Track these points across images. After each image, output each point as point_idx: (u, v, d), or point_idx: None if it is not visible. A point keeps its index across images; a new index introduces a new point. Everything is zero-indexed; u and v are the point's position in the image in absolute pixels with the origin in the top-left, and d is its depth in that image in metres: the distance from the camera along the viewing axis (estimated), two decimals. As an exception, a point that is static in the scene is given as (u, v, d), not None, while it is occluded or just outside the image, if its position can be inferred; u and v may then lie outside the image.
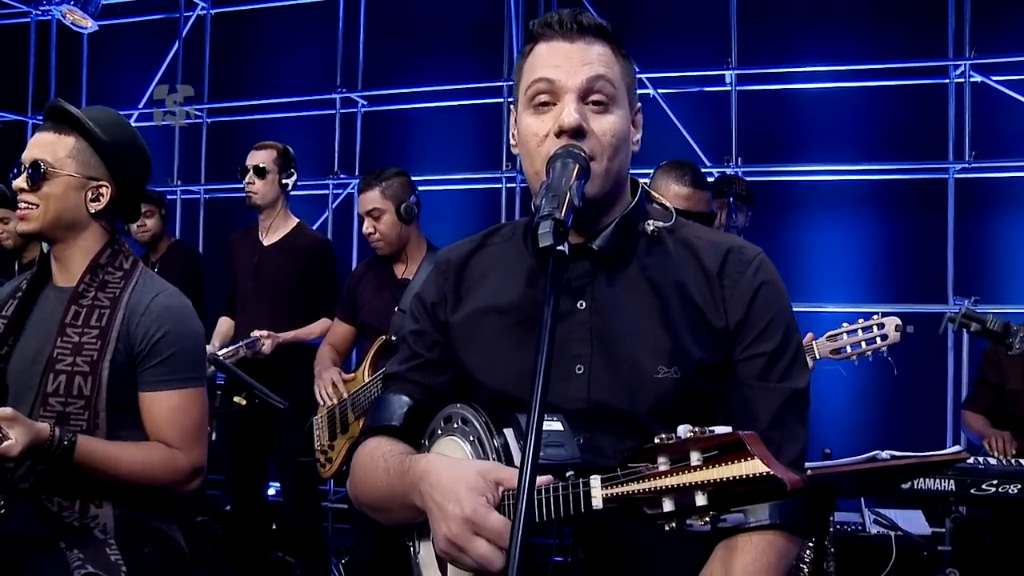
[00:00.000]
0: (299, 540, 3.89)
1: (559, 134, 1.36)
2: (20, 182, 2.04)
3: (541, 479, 1.18)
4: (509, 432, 1.25)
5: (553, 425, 1.24)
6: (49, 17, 6.37)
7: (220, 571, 3.53)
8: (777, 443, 1.37)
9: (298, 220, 4.09)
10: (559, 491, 1.15)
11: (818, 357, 2.70)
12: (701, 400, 1.40)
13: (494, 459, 1.27)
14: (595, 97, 1.38)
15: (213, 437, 3.56)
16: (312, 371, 3.61)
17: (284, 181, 3.94)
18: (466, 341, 1.51)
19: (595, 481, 1.09)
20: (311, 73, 5.99)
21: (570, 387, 1.39)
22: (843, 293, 4.91)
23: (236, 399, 3.02)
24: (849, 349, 2.69)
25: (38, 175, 2.03)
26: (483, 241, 1.60)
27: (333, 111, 5.83)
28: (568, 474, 1.15)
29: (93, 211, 2.08)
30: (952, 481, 3.03)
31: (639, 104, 1.50)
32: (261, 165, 3.92)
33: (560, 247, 1.13)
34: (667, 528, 1.01)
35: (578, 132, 1.35)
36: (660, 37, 5.19)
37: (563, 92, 1.38)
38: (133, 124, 6.27)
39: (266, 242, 4.02)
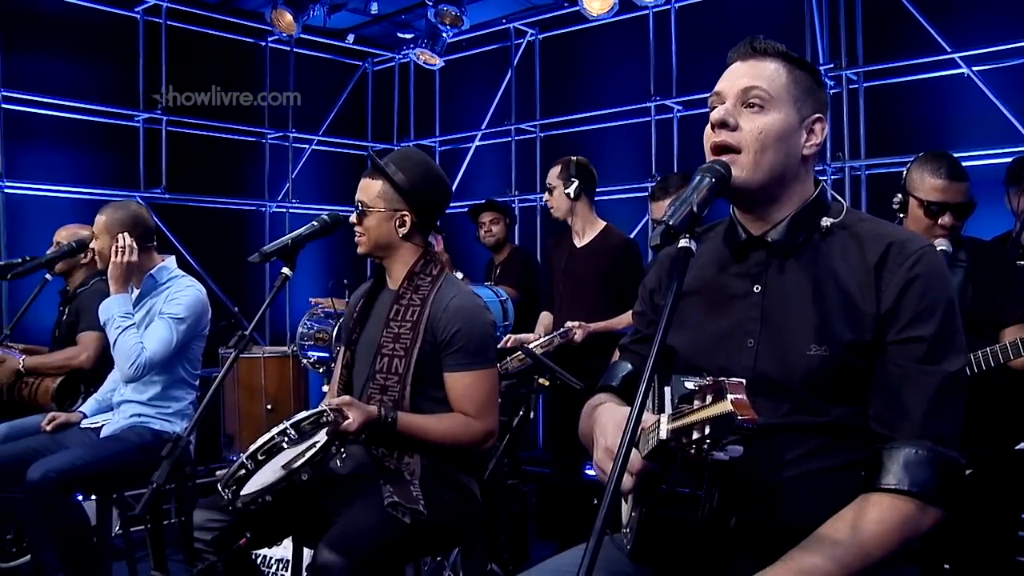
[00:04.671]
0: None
1: (712, 127, 1.66)
2: (353, 218, 2.66)
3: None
4: (667, 389, 1.53)
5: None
6: (407, 59, 7.38)
7: (529, 536, 4.08)
8: (921, 420, 1.53)
9: (605, 223, 4.48)
10: (652, 428, 1.41)
11: None
12: (851, 374, 1.58)
13: (650, 409, 1.56)
14: (750, 100, 1.64)
15: (531, 415, 4.11)
16: (615, 358, 4.02)
17: (567, 191, 4.35)
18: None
19: (664, 418, 1.33)
20: (627, 84, 6.35)
21: (741, 356, 1.66)
22: None
23: (540, 380, 3.50)
24: None
25: (360, 213, 2.64)
26: (700, 236, 1.89)
27: (649, 119, 6.20)
28: None
29: (401, 235, 2.64)
30: None
31: (816, 115, 1.69)
32: (549, 184, 4.40)
33: (687, 245, 1.42)
34: (691, 453, 1.25)
35: (723, 124, 1.64)
36: (972, 15, 4.94)
37: (725, 98, 1.67)
38: (477, 142, 7.12)
39: (578, 244, 4.45)
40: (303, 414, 2.33)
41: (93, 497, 3.48)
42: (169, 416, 3.52)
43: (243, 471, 2.28)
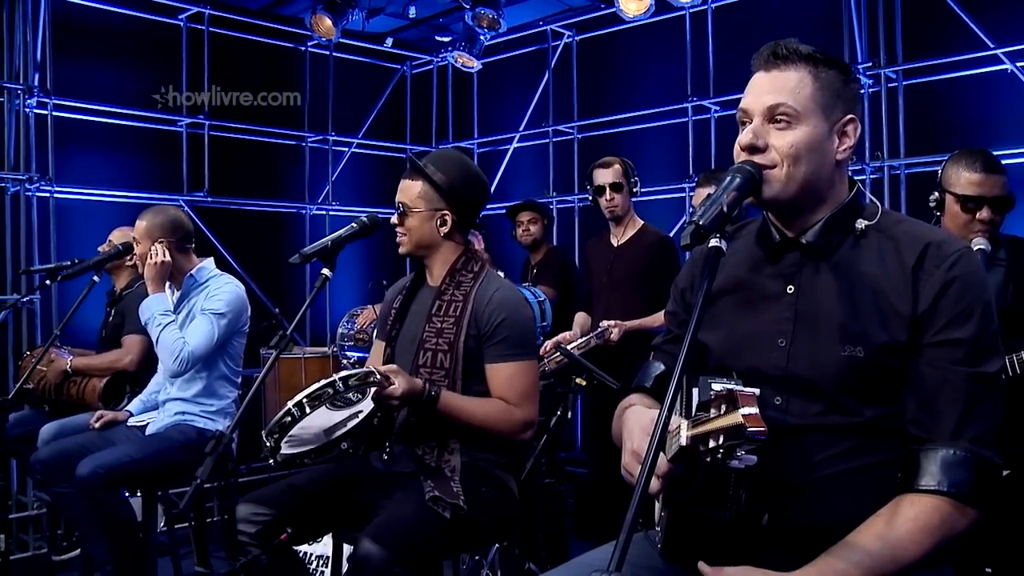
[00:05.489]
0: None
1: (742, 149, 1.66)
2: (394, 219, 2.71)
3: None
4: (696, 391, 1.55)
5: (729, 386, 1.51)
6: (445, 62, 7.44)
7: (567, 535, 4.08)
8: (958, 421, 1.54)
9: (643, 222, 4.50)
10: (675, 433, 1.42)
11: None
12: (884, 375, 1.59)
13: (679, 411, 1.57)
14: (777, 116, 1.64)
15: (569, 415, 4.14)
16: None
17: (635, 189, 4.39)
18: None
19: (684, 424, 1.36)
20: (664, 84, 6.34)
21: (772, 356, 1.67)
22: None
23: (577, 380, 3.52)
24: None
25: (402, 214, 2.69)
26: (733, 235, 1.88)
27: (686, 119, 6.18)
28: None
29: (442, 234, 2.69)
30: None
31: (847, 116, 1.68)
32: (618, 182, 4.37)
33: (717, 244, 1.43)
34: (707, 460, 1.28)
35: (752, 148, 1.64)
36: (1015, 9, 4.84)
37: (752, 116, 1.67)
38: (515, 144, 7.14)
39: (617, 243, 4.49)
40: (351, 371, 2.36)
41: (139, 494, 3.57)
42: (212, 414, 3.60)
43: (289, 418, 2.31)
